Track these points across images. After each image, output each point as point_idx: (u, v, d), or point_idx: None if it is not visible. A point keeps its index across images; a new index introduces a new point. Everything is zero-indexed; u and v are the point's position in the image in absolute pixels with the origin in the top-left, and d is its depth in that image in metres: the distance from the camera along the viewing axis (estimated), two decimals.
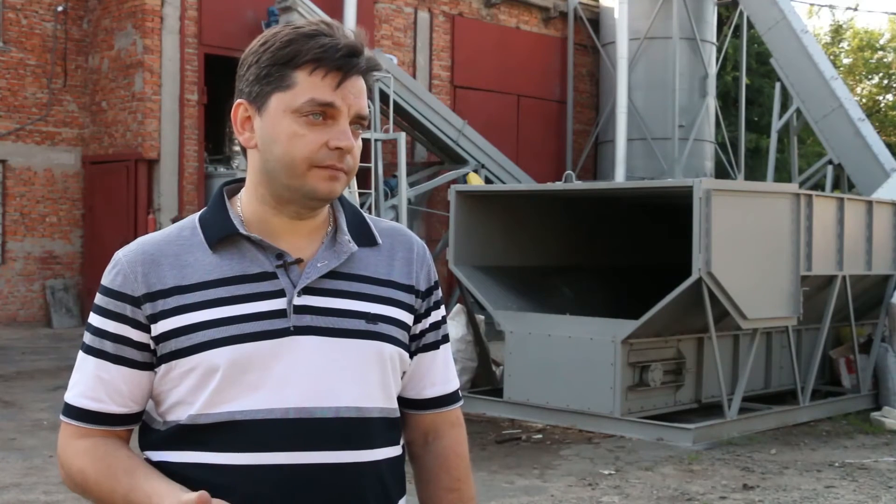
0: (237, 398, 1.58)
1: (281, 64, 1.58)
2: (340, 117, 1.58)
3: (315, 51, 1.56)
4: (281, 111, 1.58)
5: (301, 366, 1.59)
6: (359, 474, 1.62)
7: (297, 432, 1.58)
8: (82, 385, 1.64)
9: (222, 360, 1.57)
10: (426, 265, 1.77)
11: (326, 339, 1.61)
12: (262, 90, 1.60)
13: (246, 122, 1.64)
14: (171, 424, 1.62)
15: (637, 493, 6.47)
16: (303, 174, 1.58)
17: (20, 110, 15.76)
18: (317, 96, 1.56)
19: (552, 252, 10.41)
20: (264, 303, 1.60)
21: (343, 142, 1.58)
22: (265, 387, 1.58)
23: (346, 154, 1.59)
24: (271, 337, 1.59)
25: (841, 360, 10.55)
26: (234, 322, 1.58)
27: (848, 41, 33.72)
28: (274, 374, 1.58)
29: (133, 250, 1.64)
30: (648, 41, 19.64)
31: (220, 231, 1.64)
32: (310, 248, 1.66)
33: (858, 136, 16.43)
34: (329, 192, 1.60)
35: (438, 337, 1.81)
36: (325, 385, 1.60)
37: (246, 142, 1.64)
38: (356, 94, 1.60)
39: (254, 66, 1.61)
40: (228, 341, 1.57)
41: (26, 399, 9.57)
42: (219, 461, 1.58)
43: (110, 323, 1.62)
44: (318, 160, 1.57)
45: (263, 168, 1.62)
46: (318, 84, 1.57)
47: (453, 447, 1.82)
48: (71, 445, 1.64)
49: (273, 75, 1.58)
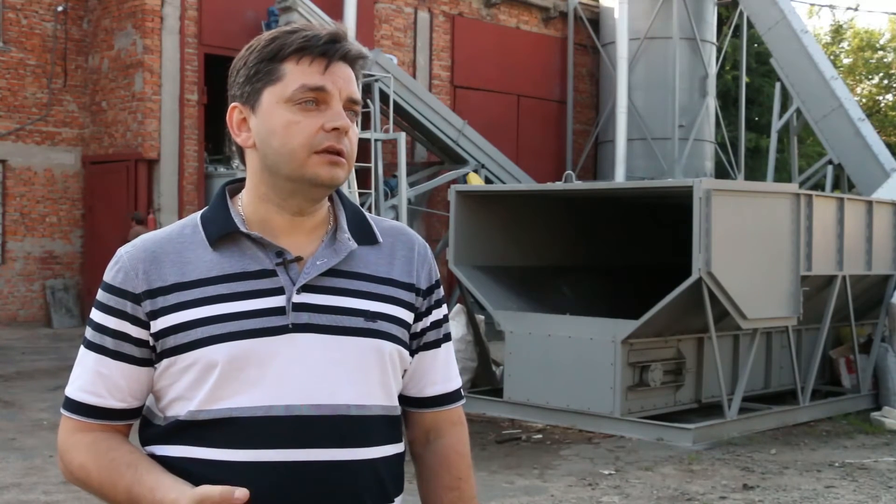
0: (236, 395, 1.58)
1: (268, 60, 1.61)
2: (332, 101, 1.60)
3: (299, 41, 1.60)
4: (274, 104, 1.60)
5: (300, 363, 1.60)
6: (356, 472, 1.62)
7: (296, 429, 1.58)
8: (82, 380, 1.66)
9: (221, 357, 1.57)
10: (427, 264, 1.78)
11: (325, 337, 1.62)
12: (253, 88, 1.63)
13: (242, 124, 1.66)
14: (170, 420, 1.63)
15: (637, 493, 6.47)
16: (303, 162, 1.59)
17: (20, 110, 15.76)
18: (307, 81, 1.59)
19: (552, 252, 10.41)
20: (263, 300, 1.60)
21: (338, 121, 1.60)
22: (263, 384, 1.58)
23: (342, 135, 1.61)
24: (270, 334, 1.59)
25: (841, 360, 10.55)
26: (234, 319, 1.59)
27: (848, 41, 33.71)
28: (272, 371, 1.58)
29: (135, 247, 1.66)
30: (648, 41, 19.64)
31: (220, 229, 1.65)
32: (310, 246, 1.67)
33: (858, 136, 16.43)
34: (331, 177, 1.61)
35: (440, 335, 1.81)
36: (323, 383, 1.61)
37: (244, 142, 1.66)
38: (345, 78, 1.62)
39: (243, 69, 1.64)
40: (227, 338, 1.58)
41: (26, 399, 9.56)
42: (217, 457, 1.58)
43: (111, 319, 1.63)
44: (316, 144, 1.59)
45: (263, 165, 1.63)
46: (307, 70, 1.60)
47: (454, 446, 1.82)
48: (72, 439, 1.65)
49: (262, 72, 1.62)
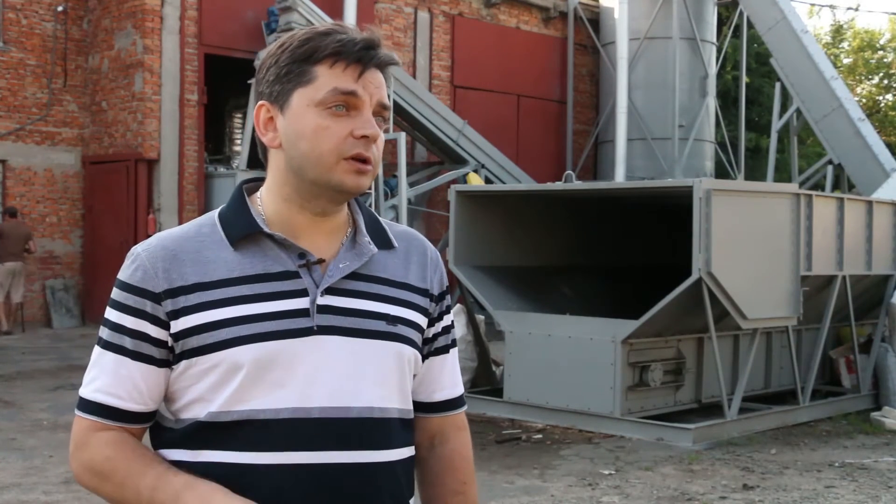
0: (260, 396, 1.57)
1: (300, 61, 1.59)
2: (363, 107, 1.59)
3: (334, 45, 1.58)
4: (304, 106, 1.58)
5: (325, 365, 1.59)
6: (378, 474, 1.63)
7: (322, 432, 1.58)
8: (101, 381, 1.62)
9: (247, 358, 1.56)
10: (439, 270, 1.79)
11: (349, 340, 1.61)
12: (283, 88, 1.60)
13: (269, 123, 1.64)
14: (186, 422, 1.61)
15: (637, 493, 6.47)
16: (331, 167, 1.58)
17: (20, 110, 15.76)
18: (339, 85, 1.57)
19: (552, 252, 10.40)
20: (287, 301, 1.59)
21: (368, 130, 1.59)
22: (289, 385, 1.57)
23: (371, 143, 1.60)
24: (295, 336, 1.58)
25: (841, 360, 10.54)
26: (258, 320, 1.57)
27: (848, 41, 33.71)
28: (298, 373, 1.58)
29: (153, 245, 1.63)
30: (648, 41, 19.64)
31: (242, 229, 1.63)
32: (330, 248, 1.66)
33: (858, 136, 16.43)
34: (357, 186, 1.60)
35: (448, 341, 1.82)
36: (348, 385, 1.60)
37: (270, 142, 1.64)
38: (377, 84, 1.61)
39: (273, 67, 1.62)
40: (253, 339, 1.56)
41: (26, 399, 9.56)
42: (240, 460, 1.56)
43: (129, 318, 1.60)
44: (345, 151, 1.58)
45: (289, 166, 1.62)
46: (340, 75, 1.58)
47: (459, 450, 1.84)
48: (94, 437, 1.61)
49: (293, 72, 1.59)
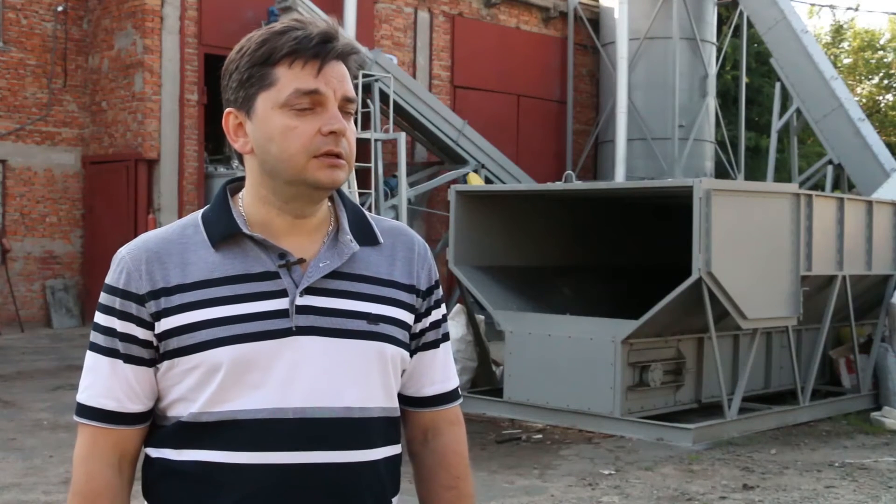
0: (239, 397, 1.58)
1: (259, 64, 1.59)
2: (328, 103, 1.59)
3: (289, 44, 1.58)
4: (269, 109, 1.59)
5: (303, 366, 1.60)
6: (358, 474, 1.63)
7: (299, 432, 1.58)
8: (98, 386, 1.63)
9: (225, 360, 1.57)
10: (427, 264, 1.78)
11: (328, 340, 1.62)
12: (247, 94, 1.61)
13: (238, 129, 1.65)
14: (171, 421, 1.63)
15: (637, 493, 6.47)
16: (303, 167, 1.58)
17: (20, 110, 15.76)
18: (300, 86, 1.57)
19: (552, 252, 10.40)
20: (266, 302, 1.60)
21: (335, 125, 1.58)
22: (267, 386, 1.58)
23: (340, 138, 1.60)
24: (273, 337, 1.59)
25: (841, 360, 10.54)
26: (237, 321, 1.58)
27: (848, 41, 33.70)
28: (276, 373, 1.58)
29: (136, 247, 1.64)
30: (648, 41, 19.64)
31: (223, 230, 1.64)
32: (312, 247, 1.66)
33: (858, 136, 16.43)
34: (331, 180, 1.60)
35: (438, 335, 1.81)
36: (327, 385, 1.61)
37: (241, 148, 1.65)
38: (339, 78, 1.61)
39: (235, 73, 1.63)
40: (231, 340, 1.57)
41: (26, 399, 9.56)
42: (220, 459, 1.58)
43: (117, 322, 1.62)
44: (315, 149, 1.58)
45: (262, 170, 1.63)
46: (299, 74, 1.58)
47: (452, 445, 1.83)
48: (97, 450, 1.63)
49: (254, 76, 1.60)
